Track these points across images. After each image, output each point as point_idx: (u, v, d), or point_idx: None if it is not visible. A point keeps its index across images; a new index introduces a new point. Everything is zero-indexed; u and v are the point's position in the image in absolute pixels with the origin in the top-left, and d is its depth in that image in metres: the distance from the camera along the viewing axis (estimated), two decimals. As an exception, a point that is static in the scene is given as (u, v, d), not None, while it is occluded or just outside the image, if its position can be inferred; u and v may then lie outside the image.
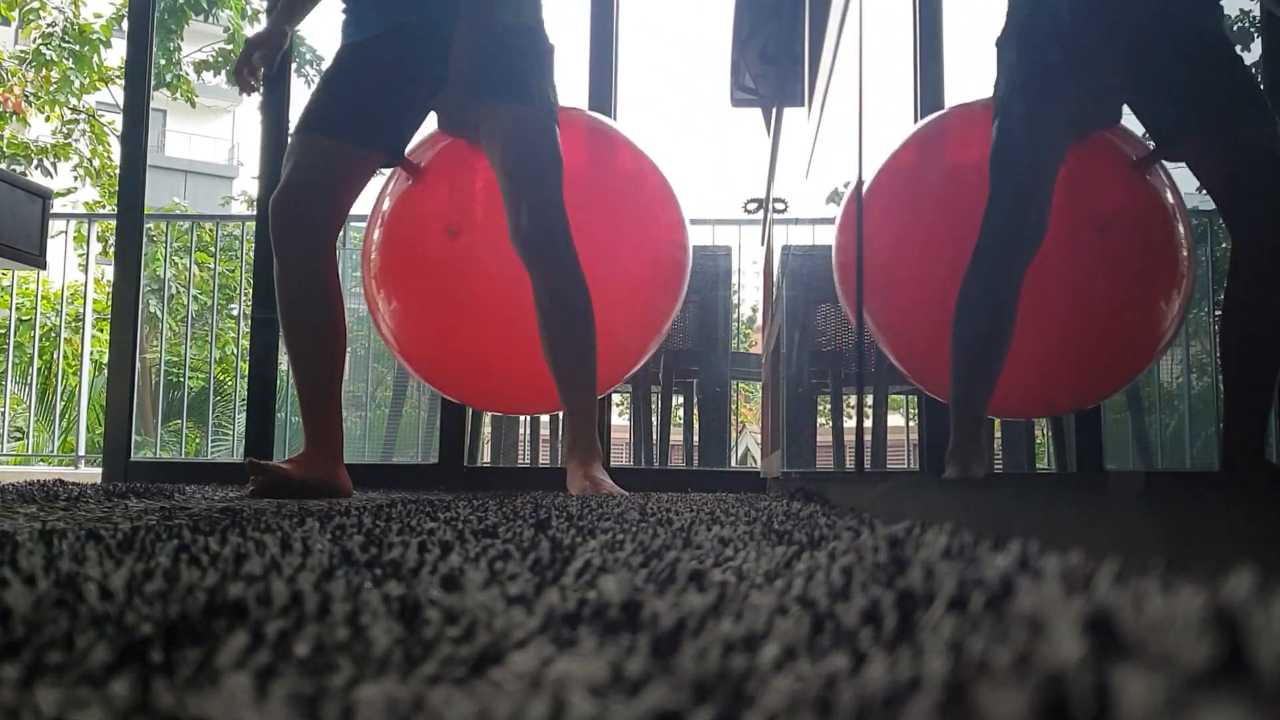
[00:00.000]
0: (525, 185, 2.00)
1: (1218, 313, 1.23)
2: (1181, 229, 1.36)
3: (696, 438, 3.76)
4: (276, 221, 1.95)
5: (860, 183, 1.44)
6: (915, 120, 1.54)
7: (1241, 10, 0.94)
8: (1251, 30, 0.95)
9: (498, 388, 2.45)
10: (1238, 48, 0.95)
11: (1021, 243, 1.21)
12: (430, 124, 2.21)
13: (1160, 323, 1.35)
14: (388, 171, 2.39)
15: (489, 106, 2.02)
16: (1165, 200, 1.39)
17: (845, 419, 2.28)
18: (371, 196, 2.35)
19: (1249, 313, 1.07)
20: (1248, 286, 1.07)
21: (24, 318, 7.20)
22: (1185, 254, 1.36)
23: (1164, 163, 1.32)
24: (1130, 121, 1.35)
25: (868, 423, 1.73)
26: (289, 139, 2.11)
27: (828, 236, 2.26)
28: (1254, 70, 0.93)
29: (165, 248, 5.74)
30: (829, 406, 2.59)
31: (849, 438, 2.11)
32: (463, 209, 2.31)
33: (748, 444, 7.69)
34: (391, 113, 2.05)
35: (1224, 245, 1.30)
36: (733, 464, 4.74)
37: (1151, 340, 1.35)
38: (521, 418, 3.46)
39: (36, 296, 5.83)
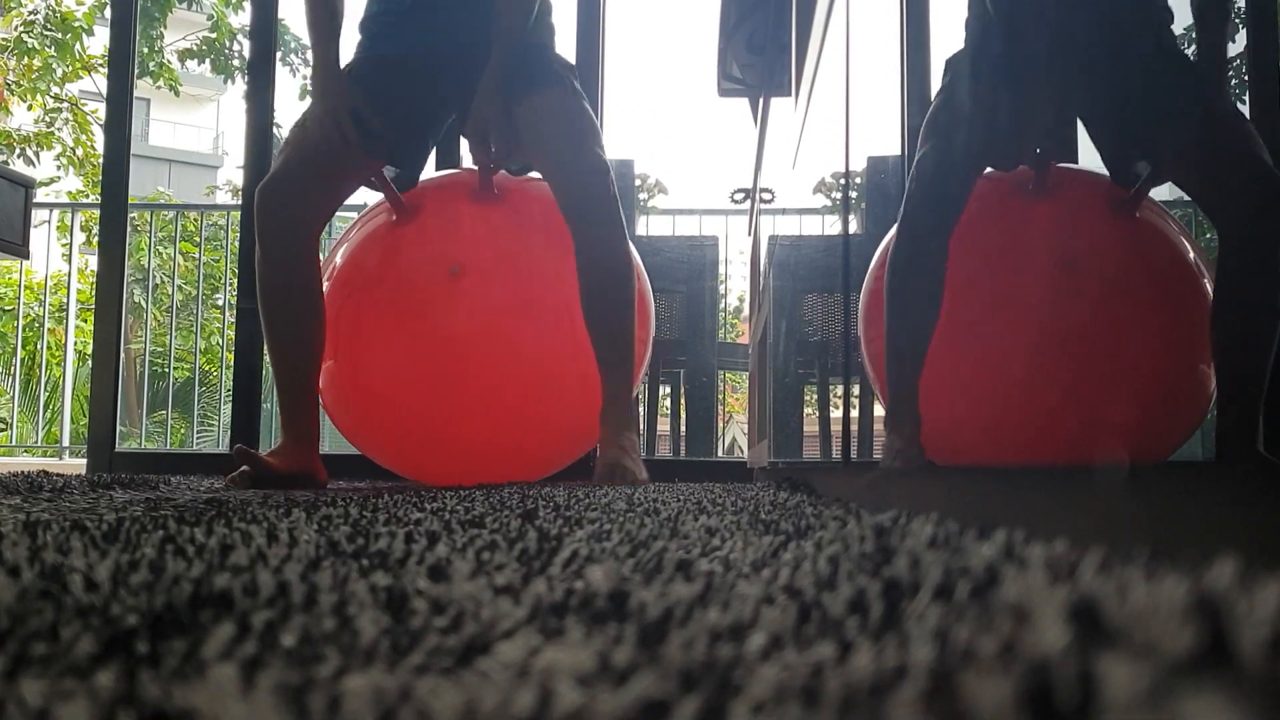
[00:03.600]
0: (567, 150, 1.95)
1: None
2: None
3: (683, 428, 3.76)
4: (263, 209, 1.93)
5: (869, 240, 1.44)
6: (902, 113, 1.54)
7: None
8: (1237, 21, 0.95)
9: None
10: (1228, 45, 0.96)
11: (941, 212, 1.27)
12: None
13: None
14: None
15: (524, 98, 1.98)
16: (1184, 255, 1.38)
17: (832, 409, 2.29)
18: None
19: (1237, 306, 1.09)
20: (1234, 281, 1.09)
21: (7, 308, 7.16)
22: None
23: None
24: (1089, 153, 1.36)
25: (854, 413, 1.74)
26: (274, 128, 2.09)
27: (814, 227, 2.27)
28: (1239, 61, 0.93)
29: (149, 237, 5.71)
30: (815, 396, 2.60)
31: (835, 427, 2.12)
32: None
33: (734, 434, 7.71)
34: (407, 132, 2.04)
35: (1208, 235, 1.32)
36: (719, 454, 4.76)
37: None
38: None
39: (20, 286, 5.79)
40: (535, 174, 2.11)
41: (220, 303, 6.00)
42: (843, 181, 1.61)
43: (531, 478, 2.12)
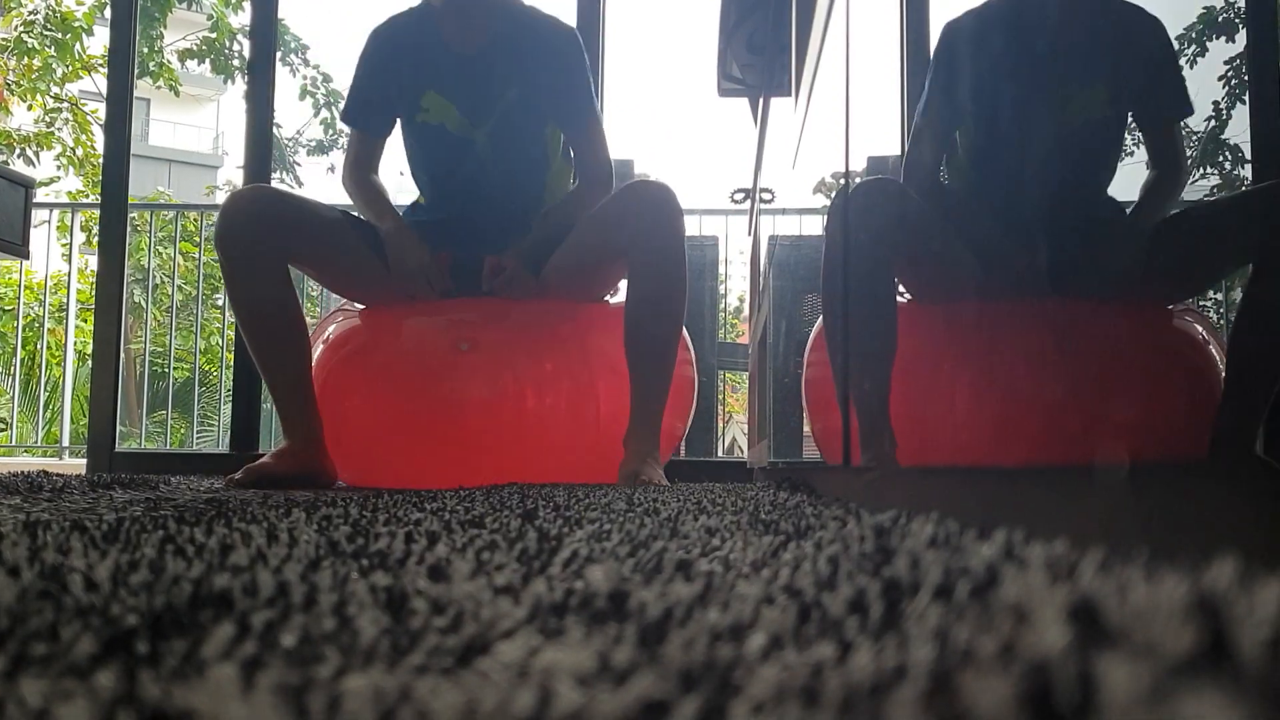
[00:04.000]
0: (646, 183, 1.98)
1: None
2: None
3: (688, 425, 3.76)
4: (233, 217, 1.93)
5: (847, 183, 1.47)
6: (902, 113, 1.54)
7: (1226, 2, 0.94)
8: (1235, 21, 0.95)
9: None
10: (1221, 40, 0.96)
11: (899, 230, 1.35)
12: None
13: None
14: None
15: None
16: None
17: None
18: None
19: (1259, 317, 1.13)
20: (1261, 297, 1.14)
21: (7, 308, 7.16)
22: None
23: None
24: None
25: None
26: (274, 128, 2.12)
27: (815, 227, 2.26)
28: (1239, 61, 0.93)
29: (149, 237, 5.71)
30: (815, 396, 2.60)
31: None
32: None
33: (734, 434, 7.71)
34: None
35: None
36: (719, 454, 4.75)
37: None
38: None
39: (20, 286, 5.79)
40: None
41: (220, 303, 6.01)
42: (843, 181, 1.61)
43: None
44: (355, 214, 2.15)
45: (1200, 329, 1.42)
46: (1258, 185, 1.03)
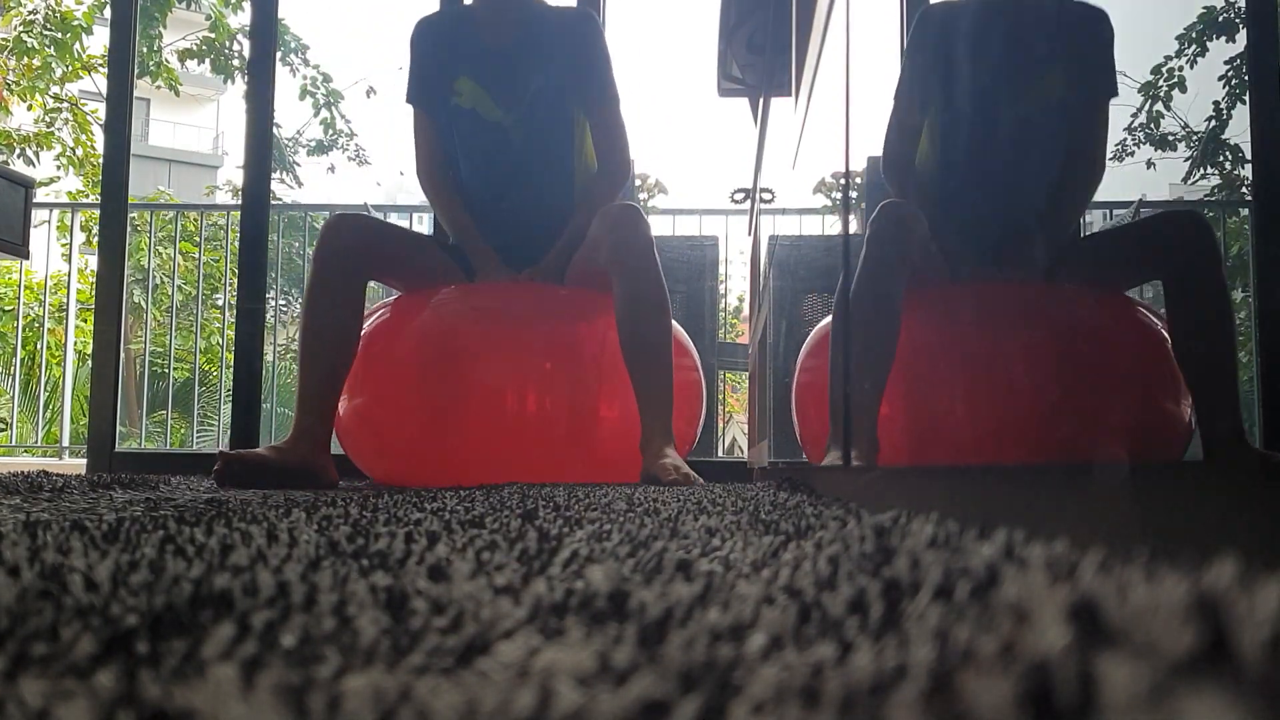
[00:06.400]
0: (617, 206, 2.09)
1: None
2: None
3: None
4: (330, 237, 2.09)
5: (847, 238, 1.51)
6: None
7: (1227, 2, 0.94)
8: (1235, 21, 0.95)
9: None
10: (1222, 40, 0.96)
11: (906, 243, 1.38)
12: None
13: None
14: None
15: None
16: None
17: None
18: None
19: (1190, 326, 1.20)
20: (1182, 308, 1.23)
21: (7, 308, 7.16)
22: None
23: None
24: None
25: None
26: (274, 128, 2.17)
27: (814, 227, 2.27)
28: (1239, 61, 0.93)
29: (149, 237, 5.71)
30: (815, 396, 2.59)
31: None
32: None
33: (734, 434, 7.71)
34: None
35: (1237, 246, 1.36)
36: (719, 454, 4.75)
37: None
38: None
39: (20, 286, 5.79)
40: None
41: (220, 303, 6.00)
42: (843, 181, 1.61)
43: None
44: (438, 233, 2.37)
45: (1140, 310, 1.46)
46: (1166, 210, 1.11)
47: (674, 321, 2.17)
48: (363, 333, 2.14)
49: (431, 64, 2.32)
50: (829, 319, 1.75)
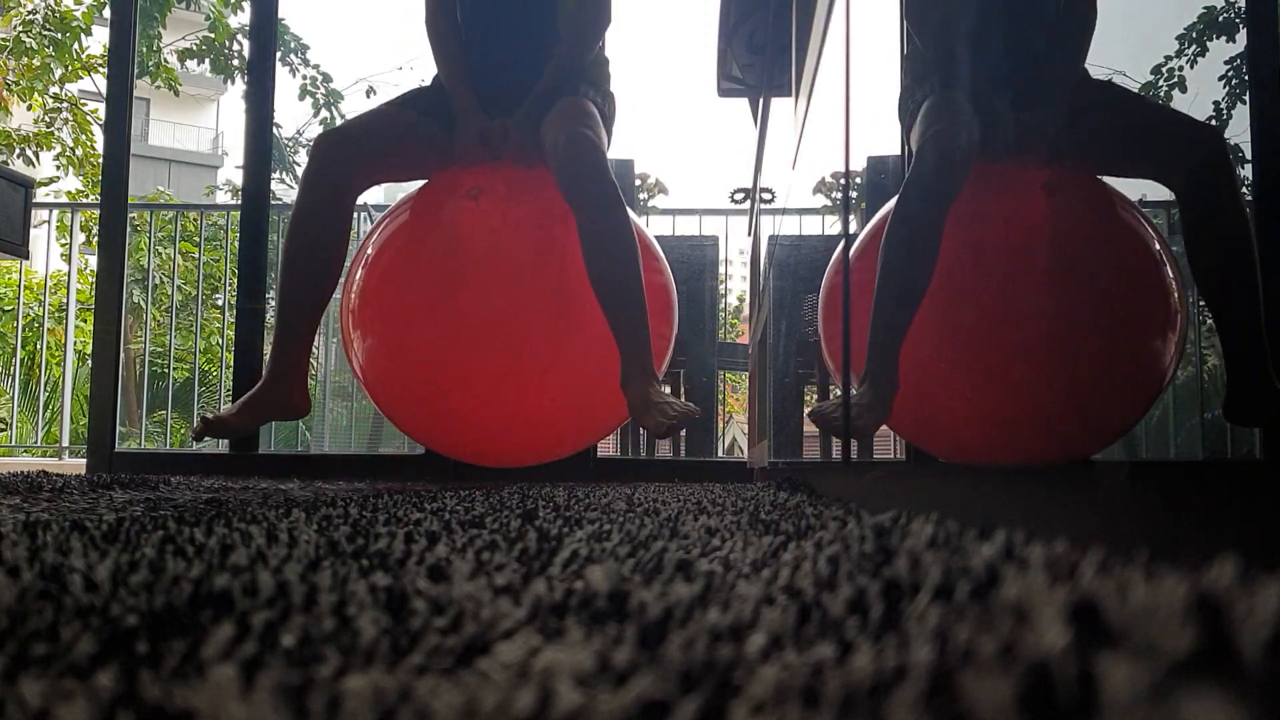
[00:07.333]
0: (565, 128, 2.02)
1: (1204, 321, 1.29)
2: (1169, 269, 1.39)
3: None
4: (315, 157, 2.07)
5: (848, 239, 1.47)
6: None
7: (1227, 2, 0.94)
8: (1236, 21, 0.95)
9: (479, 440, 2.34)
10: (1222, 40, 0.96)
11: (949, 181, 1.32)
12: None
13: (1159, 358, 1.37)
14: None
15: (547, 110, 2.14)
16: (1149, 240, 1.42)
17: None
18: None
19: (1213, 244, 1.16)
20: (1204, 222, 1.17)
21: (6, 308, 7.15)
22: (1175, 289, 1.39)
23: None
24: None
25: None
26: (274, 128, 2.19)
27: (814, 227, 2.27)
28: (1239, 61, 0.93)
29: (149, 237, 5.70)
30: (815, 396, 2.60)
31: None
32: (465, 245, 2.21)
33: (734, 434, 7.70)
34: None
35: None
36: (719, 454, 4.75)
37: (1153, 377, 1.37)
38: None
39: (19, 286, 5.78)
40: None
41: (220, 303, 6.00)
42: (843, 181, 1.61)
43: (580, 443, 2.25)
44: (415, 93, 2.27)
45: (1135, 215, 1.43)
46: (1181, 116, 1.06)
47: (636, 223, 2.15)
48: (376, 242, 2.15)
49: None
50: (872, 225, 1.67)
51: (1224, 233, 1.10)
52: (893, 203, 1.44)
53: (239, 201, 3.80)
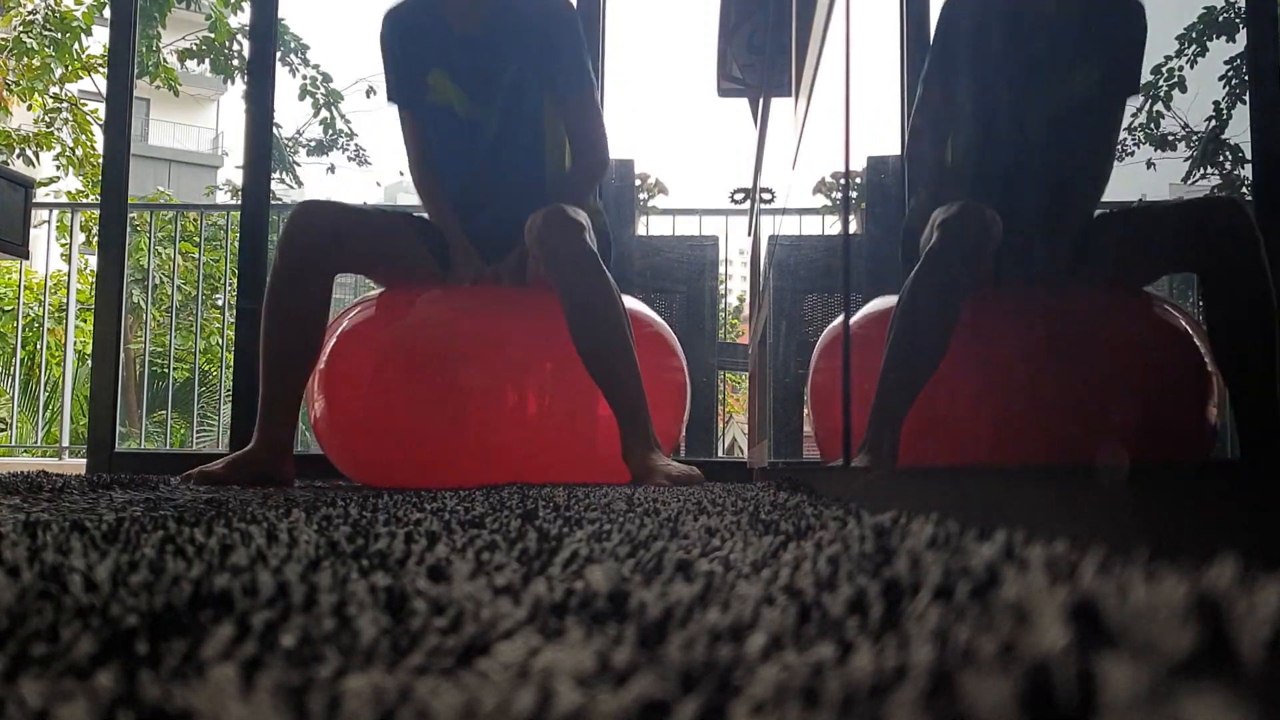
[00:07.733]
0: (543, 209, 1.98)
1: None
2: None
3: (684, 428, 3.76)
4: (291, 228, 2.02)
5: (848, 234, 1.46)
6: (902, 113, 1.54)
7: (1227, 2, 0.94)
8: (1236, 21, 0.95)
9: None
10: (1222, 40, 0.96)
11: (964, 269, 1.32)
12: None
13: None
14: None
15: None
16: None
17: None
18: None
19: (1231, 323, 1.15)
20: (1221, 305, 1.17)
21: (6, 308, 7.16)
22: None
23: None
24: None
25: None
26: (274, 128, 2.16)
27: (814, 227, 2.27)
28: (1239, 61, 0.93)
29: (149, 237, 5.71)
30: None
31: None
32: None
33: (734, 434, 7.71)
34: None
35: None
36: (719, 454, 4.75)
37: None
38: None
39: (19, 286, 5.78)
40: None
41: (220, 303, 6.00)
42: (843, 181, 1.61)
43: None
44: (415, 213, 2.30)
45: (1174, 315, 1.43)
46: (1197, 197, 1.07)
47: (660, 320, 2.15)
48: (343, 330, 2.13)
49: (403, 58, 2.26)
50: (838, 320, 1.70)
51: (1246, 311, 1.11)
52: (879, 301, 1.46)
53: (239, 201, 3.80)
